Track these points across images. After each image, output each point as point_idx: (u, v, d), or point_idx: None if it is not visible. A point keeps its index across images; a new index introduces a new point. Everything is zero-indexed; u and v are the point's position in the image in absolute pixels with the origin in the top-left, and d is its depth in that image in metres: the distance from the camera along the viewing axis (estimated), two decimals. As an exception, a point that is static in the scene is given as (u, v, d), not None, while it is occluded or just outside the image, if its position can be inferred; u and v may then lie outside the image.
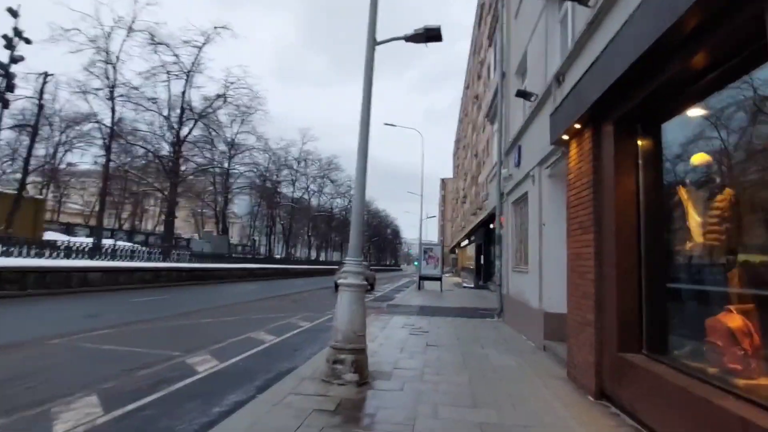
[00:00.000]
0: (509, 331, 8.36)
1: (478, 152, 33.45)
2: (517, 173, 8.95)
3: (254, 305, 12.52)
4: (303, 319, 9.64)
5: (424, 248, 21.78)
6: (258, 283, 22.92)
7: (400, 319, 9.54)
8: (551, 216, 6.59)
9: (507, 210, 10.10)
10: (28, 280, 11.64)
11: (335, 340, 4.36)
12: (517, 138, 8.97)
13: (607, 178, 4.08)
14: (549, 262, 6.52)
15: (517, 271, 8.96)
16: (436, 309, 12.30)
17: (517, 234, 9.44)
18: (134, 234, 29.16)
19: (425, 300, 15.40)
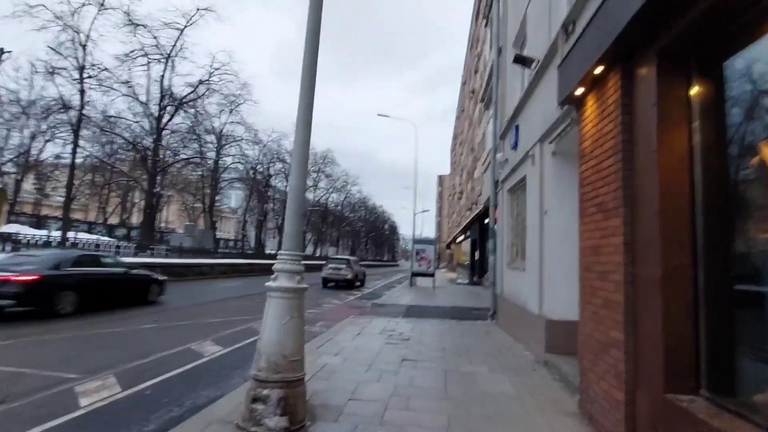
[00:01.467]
0: (503, 338, 7.16)
1: (475, 147, 32.43)
2: (513, 157, 7.72)
3: (223, 305, 11.29)
4: (268, 323, 8.42)
5: (416, 245, 20.56)
6: (242, 280, 21.65)
7: (380, 323, 8.34)
8: (555, 202, 5.36)
9: (502, 199, 8.88)
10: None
11: (257, 369, 3.13)
12: (514, 116, 7.73)
13: (643, 138, 2.85)
14: (551, 258, 5.31)
15: (513, 268, 7.76)
16: (424, 309, 11.10)
17: (512, 226, 8.23)
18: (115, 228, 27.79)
19: (415, 298, 14.21)
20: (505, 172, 8.42)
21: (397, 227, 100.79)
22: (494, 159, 9.22)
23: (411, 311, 10.56)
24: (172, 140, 25.31)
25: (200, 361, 5.28)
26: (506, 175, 8.41)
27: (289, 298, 3.28)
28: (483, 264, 23.74)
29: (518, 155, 7.23)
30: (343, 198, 55.37)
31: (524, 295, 6.57)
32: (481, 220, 23.92)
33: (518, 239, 7.73)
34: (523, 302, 6.59)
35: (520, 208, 7.65)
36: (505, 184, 8.69)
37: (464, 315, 10.15)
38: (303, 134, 3.51)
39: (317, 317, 9.49)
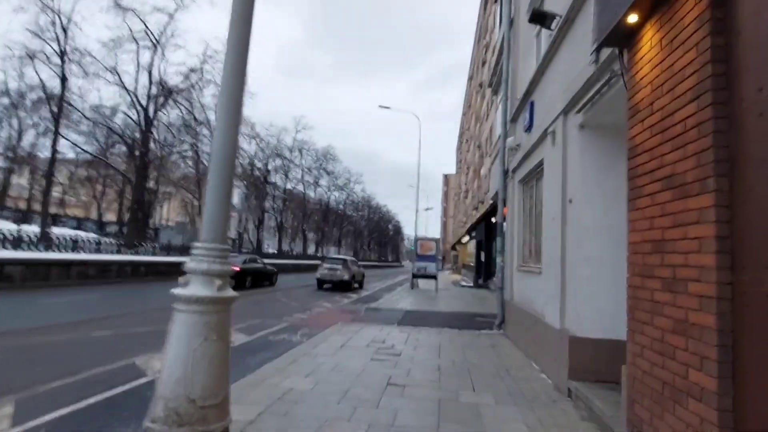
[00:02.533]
0: (513, 353, 6.05)
1: (481, 143, 31.35)
2: (526, 140, 6.61)
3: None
4: (241, 331, 7.39)
5: (419, 245, 19.43)
6: (235, 280, 20.79)
7: (370, 332, 7.26)
8: (582, 188, 4.25)
9: (512, 192, 7.76)
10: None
11: (150, 419, 2.07)
12: (528, 93, 6.62)
13: (760, 65, 1.75)
14: (577, 258, 4.19)
15: (525, 270, 6.64)
16: (423, 315, 10.00)
17: (525, 221, 7.12)
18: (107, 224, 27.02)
19: (415, 302, 13.11)
20: (516, 160, 7.31)
21: (401, 227, 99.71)
22: (503, 146, 8.10)
23: (408, 318, 9.47)
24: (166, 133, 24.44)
25: (129, 386, 4.18)
26: (517, 164, 7.30)
27: (204, 312, 2.22)
28: (489, 266, 22.57)
29: (533, 137, 6.11)
30: (345, 196, 54.42)
31: (540, 303, 5.45)
32: (487, 219, 22.76)
33: (532, 237, 6.61)
34: (537, 311, 5.48)
35: (535, 200, 6.54)
36: (515, 174, 7.57)
37: (467, 323, 9.03)
38: (234, 63, 2.44)
39: (301, 324, 8.45)
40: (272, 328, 7.83)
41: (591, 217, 4.17)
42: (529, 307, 6.08)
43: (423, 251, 19.05)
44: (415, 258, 19.14)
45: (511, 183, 7.87)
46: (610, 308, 3.94)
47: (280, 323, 8.39)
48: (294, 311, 10.27)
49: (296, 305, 11.66)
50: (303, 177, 42.45)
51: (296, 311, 10.26)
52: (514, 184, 7.66)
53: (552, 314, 4.71)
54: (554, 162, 4.97)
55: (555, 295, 4.61)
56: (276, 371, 4.58)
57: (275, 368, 4.72)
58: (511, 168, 7.79)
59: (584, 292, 4.12)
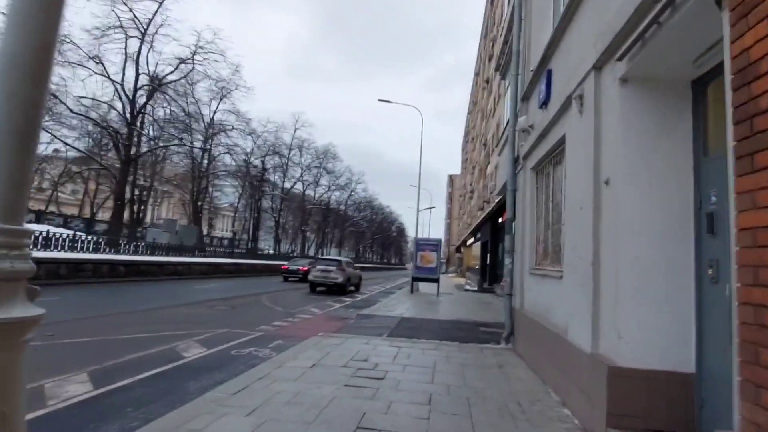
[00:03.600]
0: (525, 377, 4.88)
1: (487, 141, 30.25)
2: (542, 118, 5.47)
3: (166, 314, 9.19)
4: (201, 343, 6.29)
5: (419, 246, 18.25)
6: (223, 281, 19.70)
7: (354, 345, 6.13)
8: (625, 163, 3.11)
9: (524, 182, 6.60)
10: None
11: None
12: (544, 60, 5.49)
13: None
14: (619, 258, 3.03)
15: (539, 274, 5.48)
16: (420, 324, 8.85)
17: (538, 215, 5.96)
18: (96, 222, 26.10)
19: (413, 308, 11.95)
20: (529, 143, 6.15)
21: (404, 229, 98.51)
22: (513, 130, 6.96)
23: (402, 327, 8.32)
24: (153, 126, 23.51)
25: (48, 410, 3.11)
26: (530, 148, 6.14)
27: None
28: (495, 268, 21.37)
29: (550, 111, 4.97)
30: (346, 196, 53.34)
31: (559, 315, 4.30)
32: (493, 219, 21.57)
33: (547, 233, 5.46)
34: (558, 326, 4.32)
35: (552, 189, 5.39)
36: (527, 161, 6.42)
37: (470, 334, 7.86)
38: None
39: (277, 334, 7.34)
40: (240, 340, 6.72)
41: (637, 203, 3.02)
42: (544, 319, 4.92)
43: (424, 263, 17.79)
44: (414, 268, 17.93)
45: (522, 172, 6.71)
46: (670, 327, 2.80)
47: (251, 333, 7.28)
48: (274, 318, 9.16)
49: (280, 311, 10.56)
50: (302, 176, 41.47)
51: (277, 318, 9.16)
52: (526, 173, 6.50)
53: (579, 332, 3.55)
54: (581, 134, 3.82)
55: (583, 308, 3.45)
56: (212, 405, 3.46)
57: (214, 400, 3.61)
58: (522, 154, 6.63)
59: (629, 304, 2.96)
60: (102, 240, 16.67)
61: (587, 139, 3.62)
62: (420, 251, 17.99)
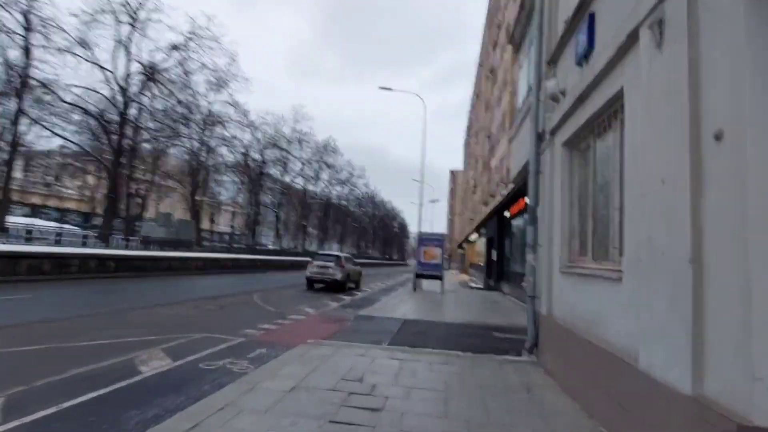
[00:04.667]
0: (563, 407, 3.82)
1: (492, 132, 29.11)
2: (581, 76, 4.36)
3: (147, 314, 8.18)
4: (168, 352, 5.28)
5: (422, 241, 17.17)
6: (220, 277, 18.73)
7: (348, 358, 5.10)
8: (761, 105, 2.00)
9: (552, 161, 5.51)
10: None
11: None
12: (582, 6, 4.38)
13: None
14: (754, 254, 1.94)
15: (577, 273, 4.40)
16: (426, 328, 7.81)
17: (573, 201, 4.87)
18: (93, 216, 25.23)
19: (417, 308, 10.92)
20: (560, 113, 5.05)
21: (406, 225, 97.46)
22: (537, 100, 5.85)
23: (405, 332, 7.28)
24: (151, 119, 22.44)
25: None
26: (561, 119, 5.04)
27: None
28: (501, 265, 20.30)
29: (595, 63, 3.86)
30: (347, 191, 52.24)
31: (620, 332, 3.23)
32: (499, 213, 20.46)
33: (588, 223, 4.37)
34: (616, 346, 3.25)
35: (595, 167, 4.29)
36: (556, 136, 5.32)
37: (483, 342, 6.81)
38: None
39: (260, 341, 6.31)
40: (216, 348, 5.71)
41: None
42: (589, 332, 3.85)
43: (427, 258, 16.71)
44: (417, 264, 16.86)
45: (548, 150, 5.61)
46: None
47: (232, 339, 6.26)
48: (263, 319, 8.14)
49: (270, 311, 9.54)
50: (303, 169, 40.38)
51: (265, 320, 8.14)
52: (554, 151, 5.40)
53: (665, 362, 2.47)
54: (662, 77, 2.71)
55: (673, 327, 2.38)
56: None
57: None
58: (548, 129, 5.53)
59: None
60: (93, 234, 15.70)
61: (675, 79, 2.52)
62: (423, 246, 16.92)
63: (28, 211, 23.30)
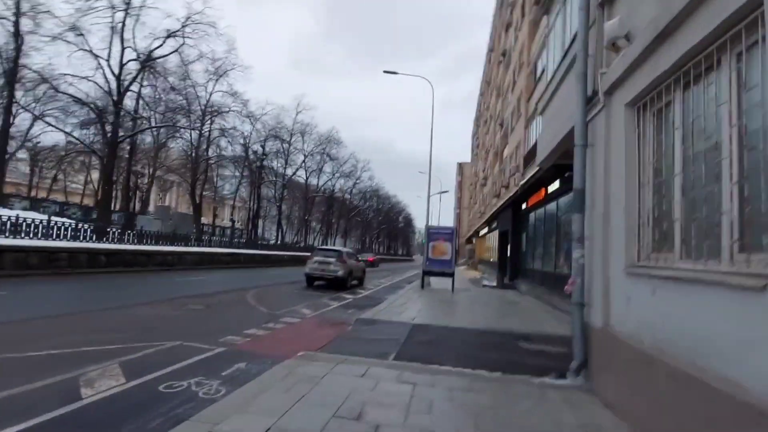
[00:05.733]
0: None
1: (504, 120, 27.67)
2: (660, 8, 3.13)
3: (124, 315, 7.13)
4: (128, 368, 4.20)
5: (431, 235, 15.97)
6: (216, 273, 17.77)
7: (344, 380, 3.98)
8: None
9: (605, 130, 4.29)
10: None
11: None
12: None
13: None
14: None
15: (656, 275, 3.20)
16: (438, 337, 6.67)
17: (645, 179, 3.67)
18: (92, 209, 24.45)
19: (426, 309, 9.78)
20: (624, 64, 3.82)
21: (412, 219, 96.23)
22: (585, 54, 4.61)
23: (414, 341, 6.14)
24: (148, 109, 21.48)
25: None
26: (626, 70, 3.81)
27: None
28: (517, 262, 19.06)
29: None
30: (352, 185, 51.01)
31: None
32: (515, 205, 19.18)
33: (679, 206, 3.16)
34: (755, 394, 2.06)
35: (684, 130, 3.08)
36: (616, 96, 4.10)
37: (511, 356, 5.65)
38: None
39: (242, 352, 5.21)
40: (187, 361, 4.62)
41: None
42: (688, 361, 2.67)
43: (436, 254, 15.41)
44: (425, 261, 15.66)
45: (602, 115, 4.39)
46: None
47: (209, 349, 5.18)
48: (252, 322, 7.06)
49: (263, 312, 8.47)
50: (305, 162, 39.24)
51: (255, 323, 7.06)
52: (612, 115, 4.19)
53: None
54: None
55: None
56: None
57: None
58: (603, 88, 4.30)
59: None
60: (85, 227, 14.78)
61: None
62: (432, 241, 15.71)
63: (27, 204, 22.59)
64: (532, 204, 16.15)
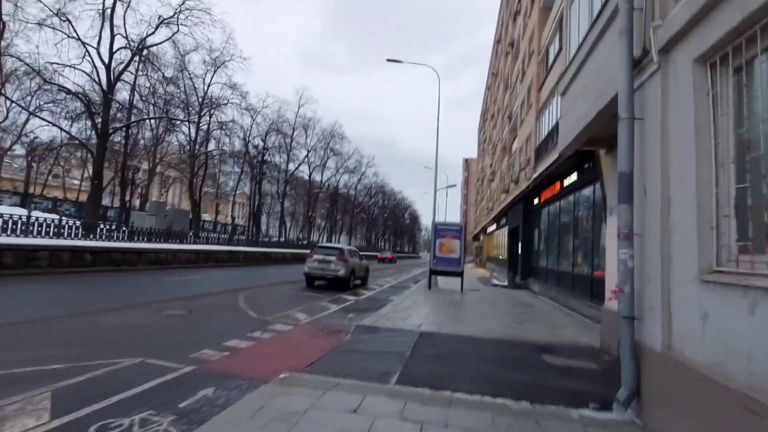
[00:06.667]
0: None
1: (513, 113, 26.63)
2: None
3: (89, 323, 6.33)
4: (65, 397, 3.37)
5: (438, 232, 15.06)
6: (211, 271, 17.06)
7: (332, 419, 3.13)
8: None
9: (664, 97, 3.36)
10: None
11: None
12: None
13: None
14: None
15: (761, 286, 2.29)
16: (450, 350, 5.79)
17: (729, 154, 2.74)
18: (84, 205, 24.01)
19: (435, 314, 8.91)
20: (692, 9, 2.89)
21: (418, 216, 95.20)
22: (628, 7, 3.67)
23: (420, 356, 5.27)
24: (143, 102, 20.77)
25: None
26: (695, 16, 2.88)
27: None
28: (528, 260, 18.10)
29: None
30: (356, 181, 50.11)
31: None
32: (526, 201, 18.20)
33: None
34: None
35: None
36: (677, 52, 3.18)
37: (536, 375, 4.75)
38: None
39: (215, 370, 4.37)
40: (141, 387, 3.79)
41: None
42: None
43: (443, 252, 14.47)
44: (432, 259, 14.75)
45: (657, 77, 3.46)
46: None
47: (174, 369, 4.34)
48: (234, 332, 6.22)
49: (251, 317, 7.65)
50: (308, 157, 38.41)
51: (238, 332, 6.23)
52: (671, 77, 3.27)
53: None
54: None
55: None
56: None
57: None
58: (660, 43, 3.37)
59: None
60: (69, 224, 14.10)
61: None
62: (439, 238, 14.81)
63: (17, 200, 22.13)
64: (546, 199, 15.19)
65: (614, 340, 6.14)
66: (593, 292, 9.57)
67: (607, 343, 6.29)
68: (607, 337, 6.37)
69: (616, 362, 5.61)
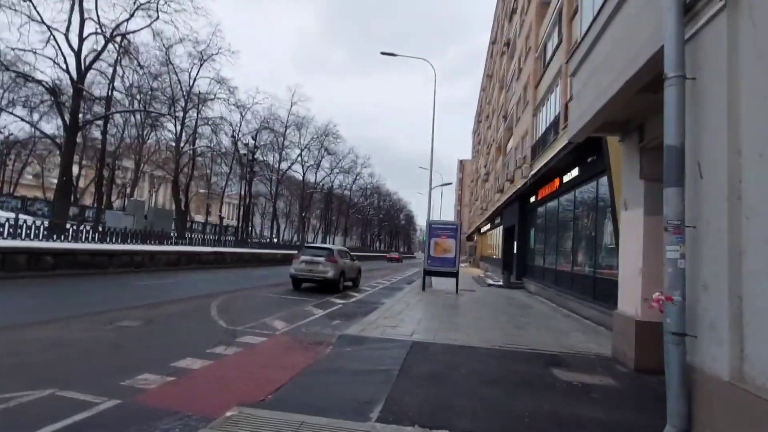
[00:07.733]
0: None
1: (508, 112, 26.14)
2: None
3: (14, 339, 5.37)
4: None
5: (432, 231, 14.24)
6: (191, 274, 16.02)
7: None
8: None
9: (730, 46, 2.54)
10: None
11: None
12: None
13: None
14: None
15: None
16: (444, 364, 4.95)
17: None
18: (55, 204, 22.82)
19: (427, 319, 8.07)
20: None
21: (413, 217, 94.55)
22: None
23: (411, 375, 4.41)
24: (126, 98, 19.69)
25: None
26: None
27: None
28: (523, 259, 17.39)
29: None
30: (351, 181, 49.18)
31: None
32: (521, 199, 17.50)
33: None
34: None
35: None
36: None
37: (549, 398, 3.92)
38: None
39: (146, 406, 3.42)
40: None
41: None
42: None
43: (438, 252, 13.73)
44: (427, 259, 13.97)
45: (722, 22, 2.65)
46: None
47: (91, 405, 3.32)
48: (191, 348, 5.24)
49: (219, 328, 6.70)
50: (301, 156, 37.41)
51: (196, 348, 5.26)
52: (739, 20, 2.45)
53: None
54: None
55: None
56: None
57: None
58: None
59: None
60: (28, 223, 13.00)
61: None
62: (434, 237, 14.02)
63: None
64: (543, 196, 14.52)
65: (630, 349, 5.38)
66: (596, 293, 8.85)
67: (622, 352, 5.55)
68: (621, 345, 5.62)
69: (635, 376, 4.85)
